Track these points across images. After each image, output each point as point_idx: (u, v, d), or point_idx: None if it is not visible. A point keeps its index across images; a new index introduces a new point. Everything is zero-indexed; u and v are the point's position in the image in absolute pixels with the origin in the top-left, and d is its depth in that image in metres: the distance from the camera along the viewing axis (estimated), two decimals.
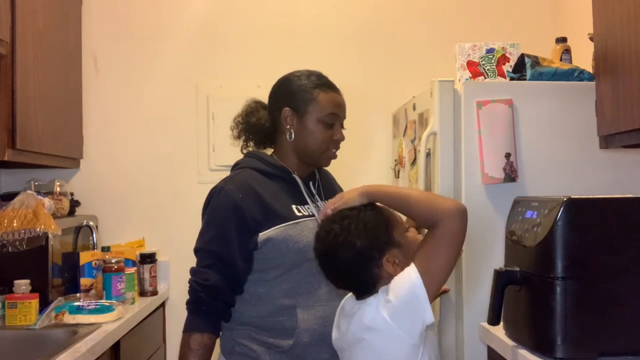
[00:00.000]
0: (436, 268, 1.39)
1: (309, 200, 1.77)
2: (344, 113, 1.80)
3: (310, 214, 1.74)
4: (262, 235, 1.66)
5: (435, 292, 1.42)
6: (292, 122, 1.75)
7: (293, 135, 1.75)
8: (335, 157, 1.79)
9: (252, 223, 1.66)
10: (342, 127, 1.80)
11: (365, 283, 1.48)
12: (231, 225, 1.66)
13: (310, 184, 1.82)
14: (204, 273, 1.67)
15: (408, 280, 1.38)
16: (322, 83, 1.78)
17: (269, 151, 1.84)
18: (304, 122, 1.74)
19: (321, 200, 1.81)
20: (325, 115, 1.74)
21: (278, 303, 1.67)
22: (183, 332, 1.68)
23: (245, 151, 1.85)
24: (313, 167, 1.84)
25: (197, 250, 1.71)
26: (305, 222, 1.71)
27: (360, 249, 1.45)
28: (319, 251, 1.54)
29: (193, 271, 1.70)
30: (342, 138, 1.78)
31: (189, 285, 1.69)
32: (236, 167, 1.81)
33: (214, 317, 1.68)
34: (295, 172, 1.78)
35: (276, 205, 1.69)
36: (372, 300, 1.45)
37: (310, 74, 1.79)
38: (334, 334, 1.60)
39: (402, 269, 1.44)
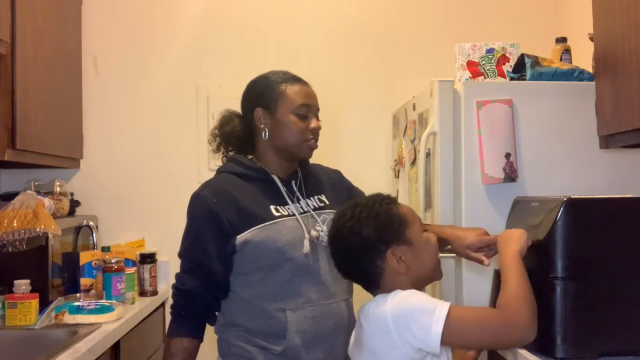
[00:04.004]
0: (465, 330, 1.37)
1: (288, 200, 1.76)
2: (316, 104, 1.78)
3: (290, 213, 1.73)
4: (240, 238, 1.67)
5: (450, 343, 1.39)
6: (265, 120, 1.75)
7: (268, 134, 1.75)
8: (315, 147, 1.77)
9: (228, 227, 1.67)
10: (317, 119, 1.78)
11: (367, 274, 1.49)
12: (207, 230, 1.68)
13: (293, 183, 1.80)
14: (182, 278, 1.72)
15: (434, 304, 1.37)
16: (288, 78, 1.78)
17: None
18: (277, 118, 1.74)
19: (303, 199, 1.79)
20: (296, 107, 1.73)
21: (266, 306, 1.67)
22: (166, 336, 1.72)
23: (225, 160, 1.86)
24: (295, 163, 1.82)
25: (179, 256, 1.75)
26: (284, 221, 1.70)
27: (366, 237, 1.47)
28: (330, 233, 1.57)
29: (175, 277, 1.75)
30: (319, 127, 1.76)
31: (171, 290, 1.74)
32: (217, 171, 1.82)
33: (194, 322, 1.71)
34: (275, 172, 1.78)
35: (252, 207, 1.70)
36: (384, 297, 1.44)
37: (275, 71, 1.80)
38: (351, 349, 1.58)
39: (407, 266, 1.46)
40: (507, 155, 2.10)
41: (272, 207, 1.72)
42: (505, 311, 1.38)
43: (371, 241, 1.47)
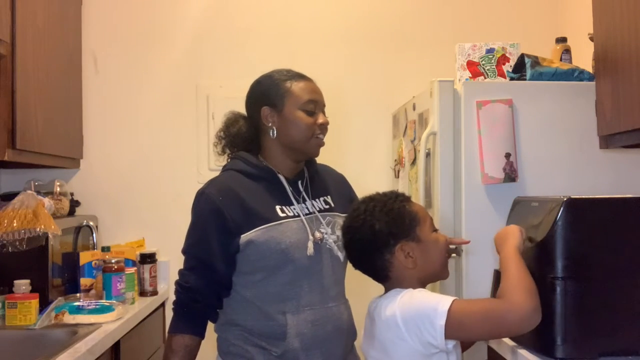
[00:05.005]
0: (466, 321, 1.40)
1: (294, 201, 1.75)
2: (322, 100, 1.78)
3: (295, 214, 1.72)
4: (244, 238, 1.66)
5: (454, 336, 1.42)
6: (272, 119, 1.74)
7: (276, 132, 1.74)
8: (323, 144, 1.76)
9: (232, 226, 1.66)
10: (324, 114, 1.77)
11: (376, 266, 1.54)
12: (212, 228, 1.68)
13: (299, 183, 1.79)
14: (185, 276, 1.71)
15: (437, 299, 1.42)
16: (293, 75, 1.77)
17: None
18: (284, 115, 1.73)
19: (309, 199, 1.78)
20: (303, 103, 1.72)
21: (267, 308, 1.67)
22: (167, 333, 1.71)
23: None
24: (302, 162, 1.81)
25: (183, 253, 1.75)
26: (288, 222, 1.70)
27: (377, 231, 1.52)
28: (344, 225, 1.62)
29: (178, 273, 1.74)
30: (327, 122, 1.75)
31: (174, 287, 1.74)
32: (223, 169, 1.81)
33: (196, 319, 1.71)
34: (282, 172, 1.76)
35: (258, 206, 1.69)
36: (396, 295, 1.49)
37: (279, 70, 1.79)
38: (363, 342, 1.62)
39: (414, 261, 1.51)
40: (507, 155, 2.10)
41: (277, 208, 1.71)
42: (504, 299, 1.40)
43: (382, 235, 1.52)
